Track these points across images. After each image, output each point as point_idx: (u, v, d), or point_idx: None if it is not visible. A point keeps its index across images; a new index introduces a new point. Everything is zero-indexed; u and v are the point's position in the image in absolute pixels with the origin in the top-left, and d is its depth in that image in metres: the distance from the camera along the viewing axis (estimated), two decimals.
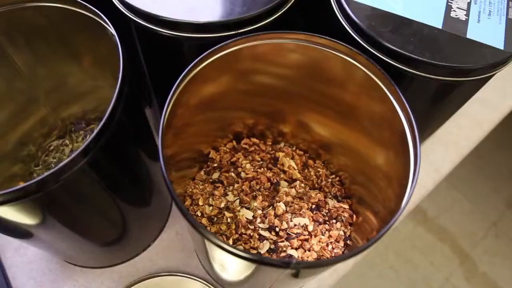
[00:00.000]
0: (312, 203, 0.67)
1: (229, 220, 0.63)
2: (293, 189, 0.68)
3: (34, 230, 0.55)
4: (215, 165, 0.72)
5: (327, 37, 0.49)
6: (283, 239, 0.61)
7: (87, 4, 0.53)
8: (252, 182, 0.68)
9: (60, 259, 0.80)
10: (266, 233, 0.61)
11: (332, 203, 0.68)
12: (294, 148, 0.77)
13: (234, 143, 0.74)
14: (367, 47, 0.54)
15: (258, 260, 0.39)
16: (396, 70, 0.53)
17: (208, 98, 0.58)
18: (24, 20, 0.58)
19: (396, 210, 0.45)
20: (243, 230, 0.62)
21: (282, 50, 0.54)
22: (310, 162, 0.75)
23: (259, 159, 0.74)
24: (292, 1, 0.57)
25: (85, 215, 0.60)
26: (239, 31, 0.54)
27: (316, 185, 0.71)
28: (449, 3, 0.58)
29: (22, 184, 0.43)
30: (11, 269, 0.79)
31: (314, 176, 0.72)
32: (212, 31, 0.54)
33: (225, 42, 0.50)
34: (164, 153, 0.45)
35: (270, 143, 0.77)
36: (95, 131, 0.45)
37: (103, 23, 0.54)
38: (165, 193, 0.82)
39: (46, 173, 0.42)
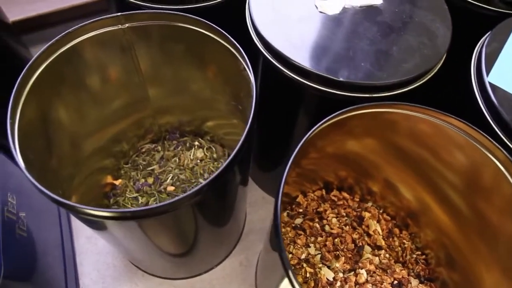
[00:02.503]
0: (395, 279, 0.64)
1: (308, 274, 0.61)
2: (377, 258, 0.65)
3: (112, 229, 0.55)
4: (300, 210, 0.70)
5: (489, 138, 0.46)
6: None
7: (231, 39, 0.53)
8: (336, 239, 0.66)
9: (126, 259, 0.82)
10: None
11: (415, 283, 0.64)
12: (381, 211, 0.73)
13: (323, 192, 0.72)
14: (506, 140, 0.50)
15: None
16: None
17: (347, 150, 0.57)
18: (165, 33, 0.60)
19: None
20: None
21: (441, 133, 0.51)
22: (396, 230, 0.71)
23: (344, 214, 0.71)
24: (432, 74, 0.55)
25: (167, 230, 0.60)
26: (373, 95, 0.52)
27: (401, 259, 0.67)
28: None
29: (132, 208, 0.44)
30: (80, 255, 0.82)
31: (399, 248, 0.68)
32: (344, 89, 0.52)
33: (372, 103, 0.49)
34: (283, 189, 0.45)
35: (357, 200, 0.74)
36: (216, 174, 0.45)
37: (240, 58, 0.54)
38: (239, 219, 0.81)
39: (159, 204, 0.43)
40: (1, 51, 0.68)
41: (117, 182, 0.81)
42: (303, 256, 0.64)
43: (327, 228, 0.68)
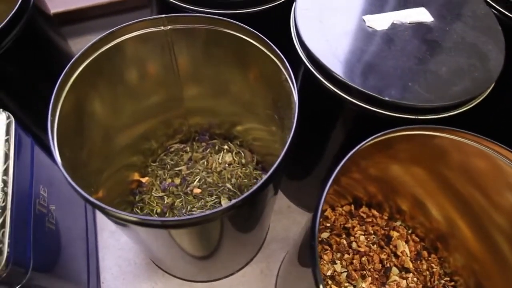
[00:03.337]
0: None
1: None
2: (405, 281, 0.63)
3: (136, 228, 0.55)
4: (328, 224, 0.69)
5: None
6: None
7: (276, 49, 0.52)
8: (363, 258, 0.64)
9: (147, 257, 0.82)
10: None
11: None
12: (410, 231, 0.72)
13: (352, 207, 0.71)
14: None
15: None
16: None
17: (389, 174, 0.55)
18: (207, 37, 0.60)
19: None
20: None
21: (493, 165, 0.48)
22: (425, 253, 0.69)
23: (372, 231, 0.69)
24: (481, 98, 0.52)
25: (191, 235, 0.60)
26: (418, 117, 0.50)
27: (429, 284, 0.65)
28: None
29: (162, 218, 0.44)
30: (103, 249, 0.82)
31: (427, 272, 0.67)
32: (388, 108, 0.51)
33: (421, 126, 0.48)
34: (322, 209, 0.43)
35: (386, 218, 0.72)
36: (253, 190, 0.43)
37: (283, 69, 0.53)
38: (264, 227, 0.80)
39: (190, 217, 0.43)
40: (42, 43, 0.68)
41: (143, 180, 0.81)
42: (328, 273, 0.62)
43: (354, 245, 0.67)
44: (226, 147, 0.82)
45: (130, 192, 0.80)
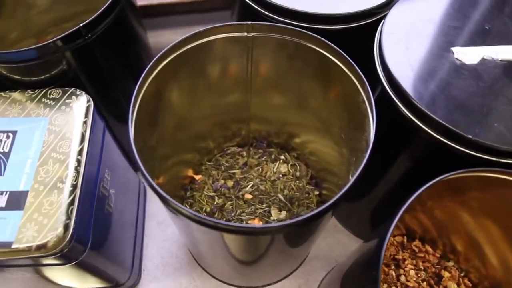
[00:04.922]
0: None
1: None
2: None
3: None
4: None
5: None
6: None
7: (358, 71, 0.52)
8: None
9: (189, 252, 0.83)
10: None
11: None
12: (462, 274, 0.68)
13: (405, 239, 0.69)
14: None
15: None
16: None
17: (455, 220, 0.53)
18: (288, 48, 0.60)
19: None
20: None
21: None
22: None
23: (423, 267, 0.67)
24: None
25: (239, 241, 0.60)
26: (499, 159, 0.48)
27: None
28: None
29: (216, 219, 0.44)
30: (148, 237, 0.84)
31: None
32: (468, 146, 0.49)
33: (500, 170, 0.45)
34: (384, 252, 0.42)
35: (438, 255, 0.70)
36: (315, 212, 0.43)
37: (361, 91, 0.53)
38: (312, 244, 0.79)
39: (246, 225, 0.43)
40: (128, 33, 0.71)
41: (197, 177, 0.82)
42: None
43: (402, 278, 0.64)
44: (282, 157, 0.82)
45: (182, 187, 0.81)
